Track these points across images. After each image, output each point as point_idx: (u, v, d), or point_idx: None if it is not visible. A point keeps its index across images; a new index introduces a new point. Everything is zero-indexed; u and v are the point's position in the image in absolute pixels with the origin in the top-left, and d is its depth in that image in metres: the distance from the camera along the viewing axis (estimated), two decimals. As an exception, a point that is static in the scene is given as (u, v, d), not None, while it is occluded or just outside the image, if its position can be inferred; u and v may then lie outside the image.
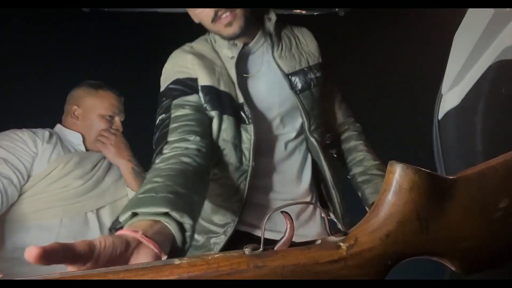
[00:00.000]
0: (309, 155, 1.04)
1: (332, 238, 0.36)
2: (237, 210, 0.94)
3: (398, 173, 0.34)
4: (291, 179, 1.01)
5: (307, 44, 1.03)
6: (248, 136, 0.92)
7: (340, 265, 0.33)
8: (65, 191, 1.23)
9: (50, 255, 0.35)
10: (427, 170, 0.34)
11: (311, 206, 1.02)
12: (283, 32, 1.02)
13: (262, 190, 0.98)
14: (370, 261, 0.33)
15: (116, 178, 1.36)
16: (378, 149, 1.11)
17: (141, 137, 1.26)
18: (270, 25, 0.97)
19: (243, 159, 0.93)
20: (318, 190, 1.07)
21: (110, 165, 1.37)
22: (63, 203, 1.22)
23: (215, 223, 0.96)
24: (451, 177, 0.35)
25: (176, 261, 0.33)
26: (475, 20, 0.79)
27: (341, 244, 0.34)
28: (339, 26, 2.03)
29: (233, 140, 0.92)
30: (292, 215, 0.94)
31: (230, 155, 0.93)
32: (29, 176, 1.21)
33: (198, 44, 0.99)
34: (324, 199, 1.07)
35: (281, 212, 0.36)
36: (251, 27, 0.94)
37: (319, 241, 0.36)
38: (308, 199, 1.02)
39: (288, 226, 0.36)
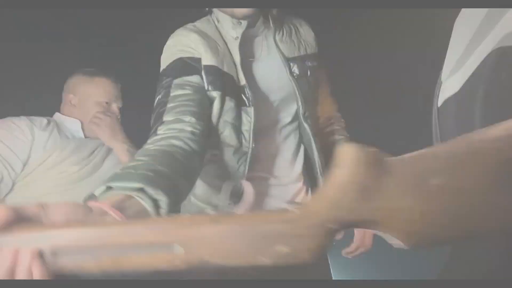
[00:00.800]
0: (301, 141, 1.05)
1: (288, 206, 0.41)
2: (236, 192, 0.93)
3: (346, 150, 0.39)
4: (286, 164, 1.02)
5: (305, 34, 1.05)
6: (248, 118, 0.92)
7: (290, 225, 0.38)
8: (62, 177, 1.23)
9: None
10: (372, 148, 0.39)
11: (303, 191, 1.03)
12: (284, 19, 1.04)
13: (260, 174, 0.99)
14: (316, 224, 0.38)
15: (115, 164, 1.34)
16: (378, 138, 1.11)
17: (139, 124, 1.20)
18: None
19: (243, 141, 0.93)
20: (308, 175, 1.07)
21: (108, 151, 1.37)
22: (60, 189, 1.22)
23: (213, 204, 0.96)
24: (394, 157, 0.40)
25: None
26: (475, 6, 0.79)
27: (293, 208, 0.39)
28: (337, 22, 2.02)
29: (233, 121, 0.92)
30: (286, 200, 0.97)
31: (230, 137, 0.93)
32: (24, 165, 1.21)
33: (201, 23, 0.98)
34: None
35: (242, 181, 0.41)
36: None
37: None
38: (300, 183, 1.03)
39: (247, 192, 0.40)
